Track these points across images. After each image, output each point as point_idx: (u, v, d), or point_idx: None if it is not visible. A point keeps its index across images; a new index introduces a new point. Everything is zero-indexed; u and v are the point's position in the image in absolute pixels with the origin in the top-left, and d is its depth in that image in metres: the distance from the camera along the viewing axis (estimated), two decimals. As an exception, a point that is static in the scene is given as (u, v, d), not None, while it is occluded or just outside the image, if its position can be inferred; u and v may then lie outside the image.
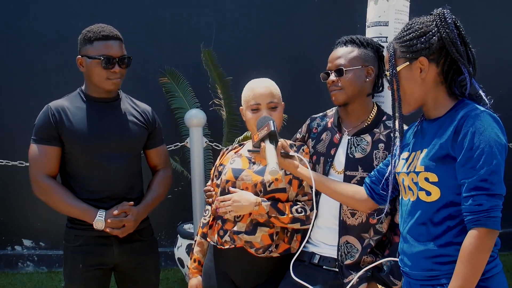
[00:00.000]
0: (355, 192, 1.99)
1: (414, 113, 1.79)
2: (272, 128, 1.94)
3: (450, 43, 1.64)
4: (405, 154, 1.80)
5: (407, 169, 1.74)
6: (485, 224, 1.52)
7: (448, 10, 1.68)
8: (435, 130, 1.68)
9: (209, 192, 2.32)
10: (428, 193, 1.66)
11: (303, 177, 2.02)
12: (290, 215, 2.10)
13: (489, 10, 5.00)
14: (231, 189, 2.17)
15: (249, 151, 2.16)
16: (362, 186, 2.04)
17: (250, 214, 2.12)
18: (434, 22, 1.67)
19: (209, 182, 2.38)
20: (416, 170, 1.69)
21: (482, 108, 1.60)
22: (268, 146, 1.93)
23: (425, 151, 1.68)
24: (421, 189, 1.68)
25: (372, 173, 2.00)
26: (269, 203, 2.09)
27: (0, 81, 4.72)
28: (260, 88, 2.17)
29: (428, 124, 1.75)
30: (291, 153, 2.02)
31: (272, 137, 1.95)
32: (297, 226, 2.13)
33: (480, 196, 1.53)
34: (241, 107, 2.27)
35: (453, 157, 1.60)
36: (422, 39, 1.67)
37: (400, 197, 1.83)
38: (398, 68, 1.72)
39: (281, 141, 2.00)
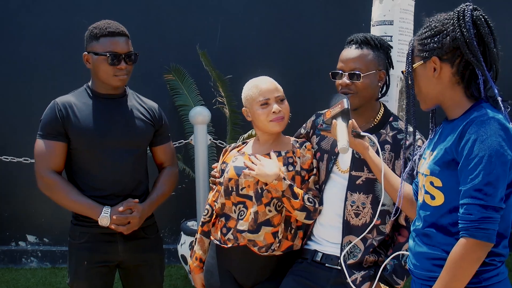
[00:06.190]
0: (408, 193, 1.91)
1: (426, 112, 1.77)
2: (346, 106, 1.90)
3: (464, 44, 1.56)
4: (426, 153, 1.75)
5: (421, 169, 1.72)
6: (474, 235, 1.48)
7: (471, 7, 1.59)
8: (448, 133, 1.63)
9: (214, 177, 2.33)
10: (433, 197, 1.63)
11: (370, 161, 1.97)
12: (302, 202, 2.08)
13: (496, 8, 4.97)
14: (271, 154, 2.16)
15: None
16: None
17: (256, 212, 2.11)
18: (451, 21, 1.59)
19: (216, 167, 2.37)
20: (424, 172, 1.67)
21: (492, 114, 1.53)
22: (340, 124, 1.91)
23: (435, 153, 1.64)
24: (426, 192, 1.66)
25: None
26: (289, 183, 2.07)
27: (5, 77, 4.73)
28: (265, 84, 2.18)
29: (446, 125, 1.70)
30: (362, 133, 1.97)
31: (344, 115, 1.92)
32: (302, 216, 2.11)
33: (472, 206, 1.49)
34: (244, 108, 2.24)
35: (458, 163, 1.56)
36: (436, 39, 1.62)
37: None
38: (414, 66, 1.69)
39: (352, 120, 1.94)
